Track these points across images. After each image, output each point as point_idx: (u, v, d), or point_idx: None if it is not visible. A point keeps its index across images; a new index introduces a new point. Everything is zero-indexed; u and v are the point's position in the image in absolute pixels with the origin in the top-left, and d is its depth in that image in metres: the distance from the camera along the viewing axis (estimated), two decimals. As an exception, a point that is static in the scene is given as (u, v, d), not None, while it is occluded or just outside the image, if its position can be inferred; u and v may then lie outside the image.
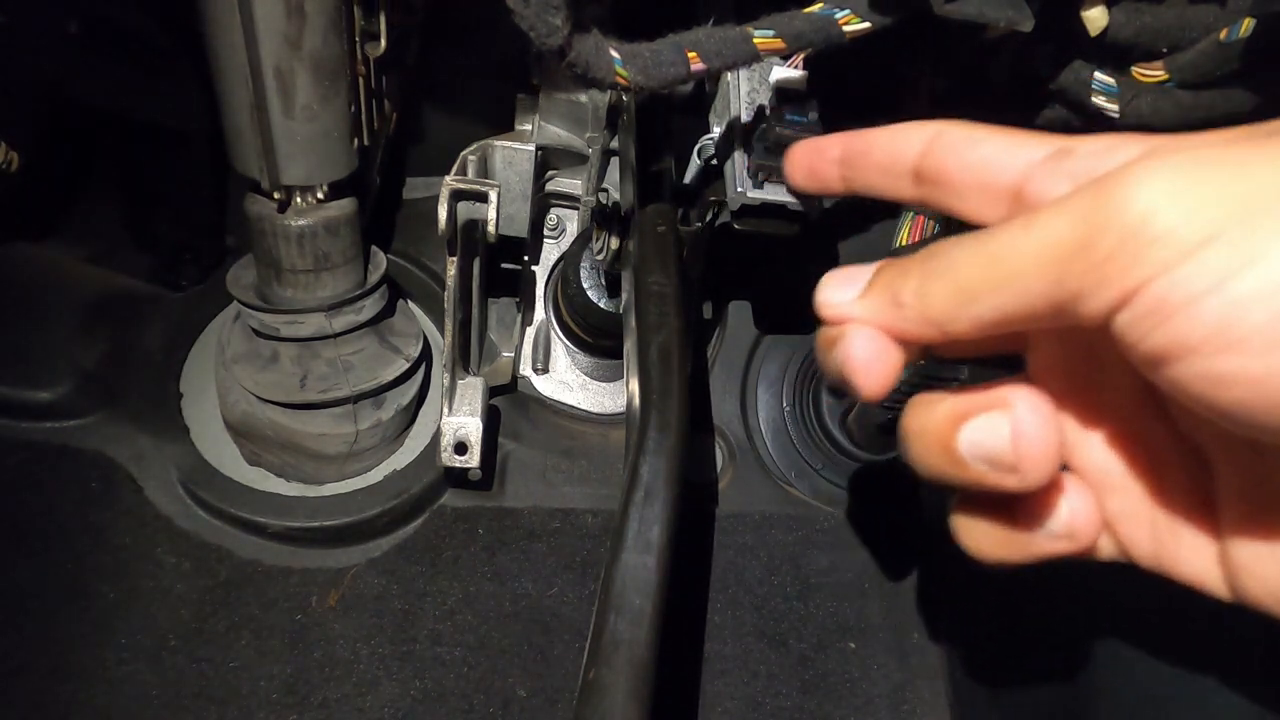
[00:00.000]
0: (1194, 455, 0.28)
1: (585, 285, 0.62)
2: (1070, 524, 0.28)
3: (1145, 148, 0.25)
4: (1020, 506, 0.29)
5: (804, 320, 0.74)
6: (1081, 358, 0.29)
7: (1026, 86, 0.47)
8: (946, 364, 0.34)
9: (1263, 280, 0.19)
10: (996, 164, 0.28)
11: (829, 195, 0.35)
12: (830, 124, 0.43)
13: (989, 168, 0.28)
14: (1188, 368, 0.21)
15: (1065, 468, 0.30)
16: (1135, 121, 0.44)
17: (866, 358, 0.28)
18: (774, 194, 0.44)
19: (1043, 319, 0.24)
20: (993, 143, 0.29)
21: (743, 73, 0.47)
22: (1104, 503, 0.29)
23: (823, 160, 0.35)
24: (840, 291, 0.30)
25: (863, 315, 0.29)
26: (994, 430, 0.27)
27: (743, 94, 0.47)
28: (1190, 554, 0.28)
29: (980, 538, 0.31)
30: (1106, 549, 0.30)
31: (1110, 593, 0.47)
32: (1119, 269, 0.21)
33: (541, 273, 0.69)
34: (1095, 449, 0.29)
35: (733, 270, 0.72)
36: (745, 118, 0.46)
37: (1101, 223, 0.21)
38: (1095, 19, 0.42)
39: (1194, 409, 0.22)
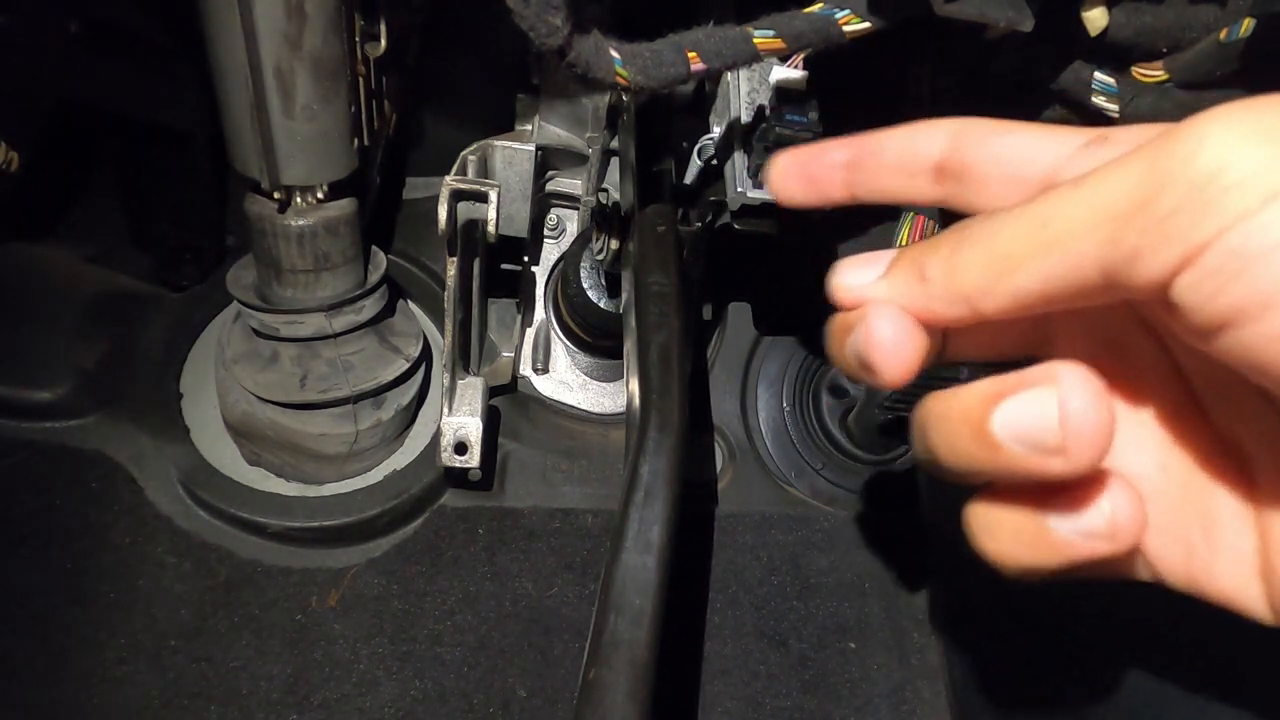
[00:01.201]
0: (1237, 461, 0.25)
1: (585, 285, 0.62)
2: (1112, 521, 0.24)
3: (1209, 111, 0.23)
4: (1054, 500, 0.25)
5: (804, 321, 0.74)
6: (1110, 356, 0.28)
7: (1026, 86, 0.47)
8: (943, 367, 0.33)
9: None
10: (1027, 155, 0.27)
11: (824, 205, 0.32)
12: (830, 124, 0.43)
13: (1019, 159, 0.27)
14: (1260, 329, 0.19)
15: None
16: (1135, 122, 0.44)
17: (894, 337, 0.25)
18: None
19: (1089, 292, 0.22)
20: (1021, 134, 0.27)
21: (743, 73, 0.47)
22: None
23: (824, 165, 0.32)
24: (858, 274, 0.28)
25: (885, 294, 0.26)
26: (1038, 407, 0.23)
27: (743, 94, 0.47)
28: (1228, 569, 0.25)
29: (1006, 539, 0.26)
30: (1137, 567, 0.27)
31: (1110, 593, 0.47)
32: (1186, 223, 0.19)
33: (541, 273, 0.69)
34: (1126, 454, 0.27)
35: (733, 270, 0.72)
36: (745, 118, 0.46)
37: (1166, 175, 0.20)
38: (1095, 19, 0.42)
39: (1260, 381, 0.20)
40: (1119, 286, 0.21)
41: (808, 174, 0.32)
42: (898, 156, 0.30)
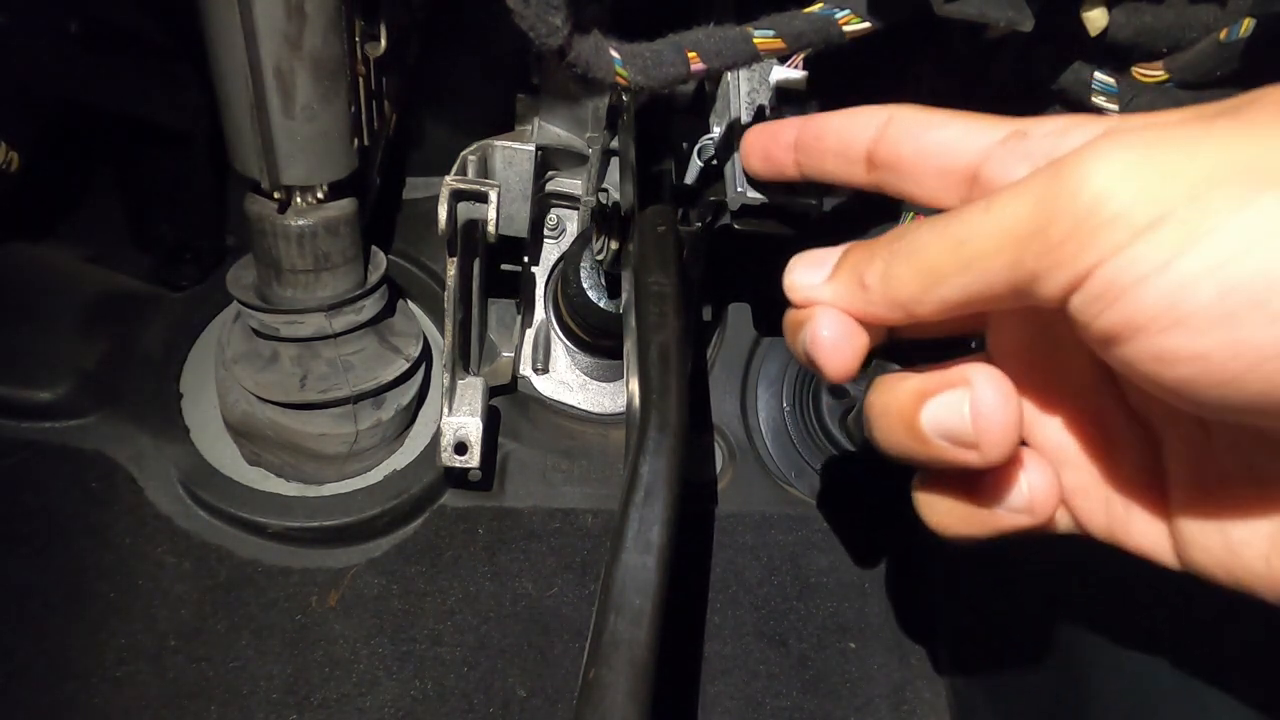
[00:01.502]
0: (1146, 433, 0.28)
1: (585, 285, 0.62)
2: (1030, 499, 0.29)
3: (1100, 128, 0.25)
4: (981, 482, 0.29)
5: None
6: (1039, 338, 0.30)
7: (1026, 86, 0.47)
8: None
9: (1209, 258, 0.20)
10: (952, 147, 0.28)
11: (784, 180, 0.36)
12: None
13: (944, 151, 0.29)
14: (1137, 347, 0.21)
15: (1024, 444, 0.30)
16: (1135, 122, 0.44)
17: (833, 339, 0.29)
18: (774, 194, 0.44)
19: (1004, 300, 0.24)
20: (948, 126, 0.29)
21: (743, 73, 0.47)
22: (1061, 478, 0.30)
23: (777, 145, 0.35)
24: (807, 274, 0.30)
25: (829, 299, 0.29)
26: (955, 408, 0.27)
27: (743, 94, 0.47)
28: (1142, 527, 0.28)
29: (943, 514, 0.31)
30: (1063, 522, 0.30)
31: (1110, 594, 0.47)
32: (1072, 252, 0.21)
33: (541, 273, 0.69)
34: (1052, 427, 0.30)
35: (733, 270, 0.72)
36: (745, 118, 0.46)
37: (1056, 207, 0.22)
38: (1095, 19, 0.42)
39: (1144, 387, 0.23)
40: (1027, 299, 0.24)
41: (765, 150, 0.35)
42: (834, 142, 0.32)
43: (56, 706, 0.55)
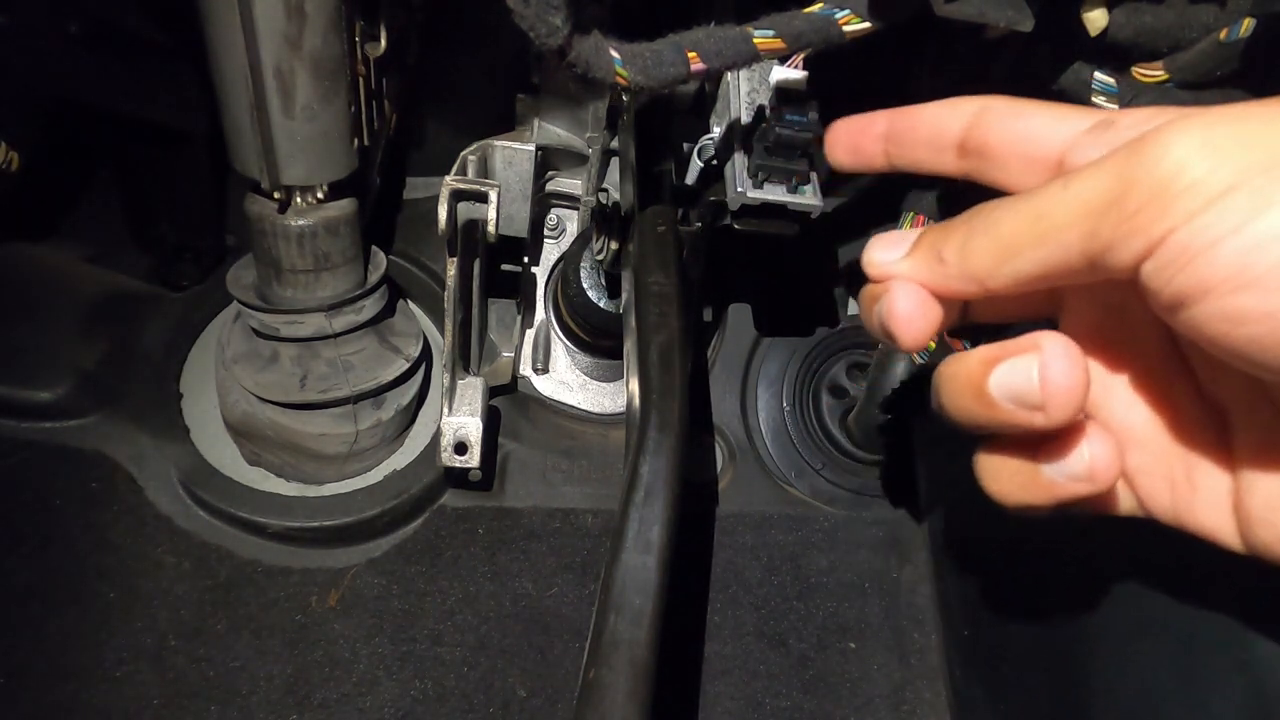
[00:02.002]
0: (1214, 411, 0.29)
1: (585, 285, 0.62)
2: (1091, 466, 0.29)
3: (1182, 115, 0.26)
4: (1043, 449, 0.30)
5: (804, 320, 0.74)
6: (1112, 319, 0.31)
7: (1026, 86, 0.47)
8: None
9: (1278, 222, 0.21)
10: (1040, 136, 0.30)
11: (869, 172, 0.36)
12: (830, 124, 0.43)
13: (1033, 140, 0.30)
14: (1207, 308, 0.22)
15: (1089, 417, 0.31)
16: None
17: (908, 311, 0.30)
18: (774, 194, 0.44)
19: (1078, 274, 0.25)
20: (1037, 116, 0.30)
21: (743, 73, 0.47)
22: (1127, 457, 0.31)
23: (867, 136, 0.35)
24: (887, 251, 0.31)
25: (906, 272, 0.30)
26: (1024, 371, 0.28)
27: (743, 94, 0.47)
28: (1206, 506, 0.29)
29: (1004, 481, 0.31)
30: (1126, 503, 0.31)
31: (1109, 594, 0.47)
32: (1148, 220, 0.23)
33: (541, 273, 0.69)
34: (1121, 406, 0.31)
35: (733, 270, 0.72)
36: (745, 118, 0.46)
37: (1134, 178, 0.23)
38: (1095, 19, 0.42)
39: (1213, 351, 0.24)
40: (1100, 270, 0.25)
41: (853, 142, 0.36)
42: (927, 131, 0.33)
43: (56, 706, 0.55)
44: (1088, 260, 0.24)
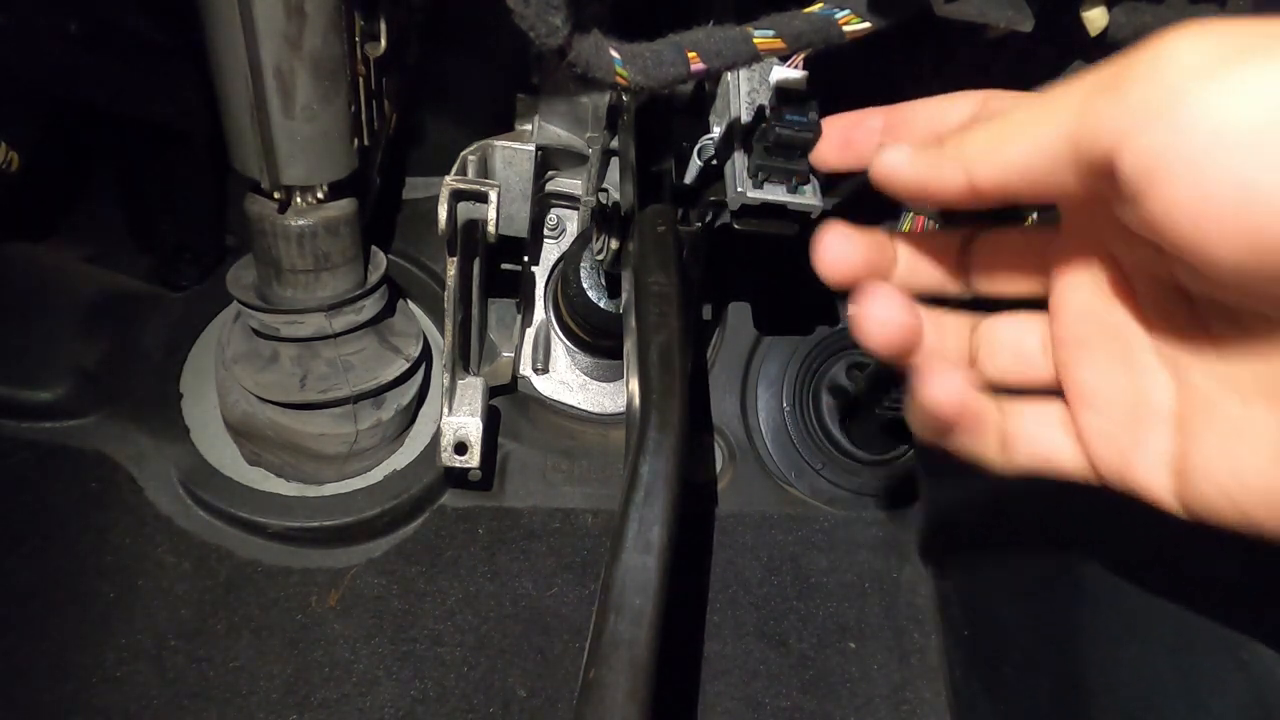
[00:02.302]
0: (1169, 368, 0.30)
1: (585, 285, 0.62)
2: (931, 395, 0.32)
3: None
4: (917, 383, 0.33)
5: (804, 320, 0.74)
6: (1096, 299, 0.31)
7: (1026, 87, 0.47)
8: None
9: (1255, 103, 0.22)
10: None
11: (859, 170, 0.36)
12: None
13: None
14: (1180, 187, 0.23)
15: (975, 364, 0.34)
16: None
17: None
18: (774, 194, 0.44)
19: (1062, 168, 0.26)
20: None
21: (743, 73, 0.47)
22: (1084, 418, 0.32)
23: (861, 131, 0.36)
24: (895, 154, 0.32)
25: (906, 163, 0.31)
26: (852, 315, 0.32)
27: (743, 94, 0.47)
28: (1148, 465, 0.30)
29: (912, 412, 0.34)
30: (1078, 465, 0.32)
31: (1110, 594, 0.47)
32: (1141, 94, 0.24)
33: (541, 273, 0.69)
34: (1088, 370, 0.32)
35: (733, 270, 0.72)
36: (745, 118, 0.46)
37: (1135, 60, 0.24)
38: (1095, 19, 0.42)
39: (1174, 251, 0.24)
40: (1082, 158, 0.25)
41: (846, 139, 0.36)
42: (928, 124, 0.33)
43: (56, 706, 0.55)
44: (1073, 145, 0.25)
